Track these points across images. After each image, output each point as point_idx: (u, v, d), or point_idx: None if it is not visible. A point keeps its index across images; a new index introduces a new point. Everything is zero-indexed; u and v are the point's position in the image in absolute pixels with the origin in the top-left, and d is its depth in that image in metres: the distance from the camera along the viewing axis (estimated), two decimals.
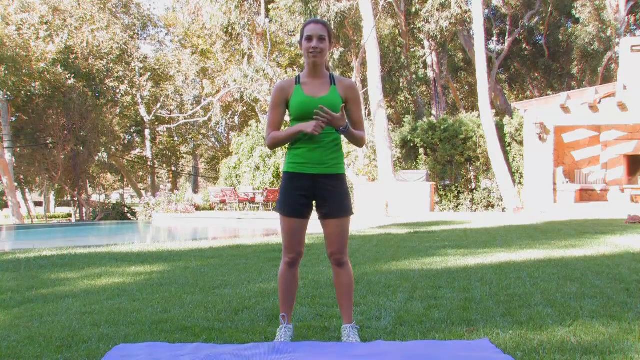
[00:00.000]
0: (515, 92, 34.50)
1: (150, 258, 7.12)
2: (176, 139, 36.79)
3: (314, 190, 3.20)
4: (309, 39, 3.12)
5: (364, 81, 23.26)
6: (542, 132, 17.78)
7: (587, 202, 18.40)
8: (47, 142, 25.30)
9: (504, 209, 18.82)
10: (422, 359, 2.85)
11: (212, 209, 22.50)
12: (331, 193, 3.21)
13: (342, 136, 3.23)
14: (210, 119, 29.99)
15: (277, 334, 3.26)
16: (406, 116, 23.11)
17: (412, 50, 30.57)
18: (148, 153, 34.31)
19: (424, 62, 30.40)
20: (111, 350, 3.07)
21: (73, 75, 23.84)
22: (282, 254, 3.30)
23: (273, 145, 3.25)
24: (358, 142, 3.28)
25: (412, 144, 20.92)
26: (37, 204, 41.78)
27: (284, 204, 3.22)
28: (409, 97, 31.28)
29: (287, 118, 3.36)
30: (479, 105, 19.45)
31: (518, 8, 27.47)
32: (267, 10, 24.08)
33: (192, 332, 3.46)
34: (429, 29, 24.35)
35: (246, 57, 25.04)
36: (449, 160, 20.25)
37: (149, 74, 29.80)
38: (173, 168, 39.46)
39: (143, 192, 36.09)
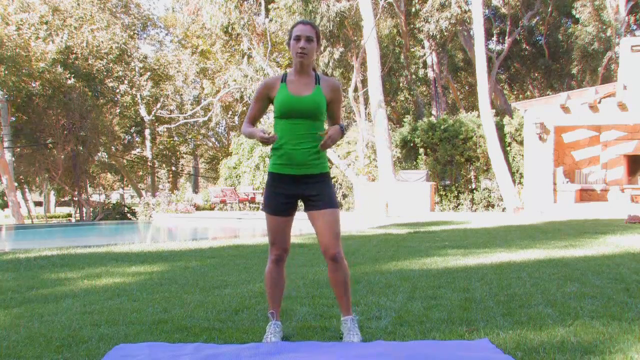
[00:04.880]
0: (515, 92, 34.49)
1: (150, 258, 7.12)
2: (176, 139, 36.78)
3: (298, 190, 3.24)
4: (297, 39, 3.18)
5: (364, 81, 23.25)
6: (542, 132, 17.78)
7: (587, 202, 18.40)
8: (47, 142, 25.30)
9: (504, 209, 18.82)
10: (422, 359, 2.85)
11: (212, 209, 22.49)
12: (317, 190, 3.24)
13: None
14: (210, 119, 30.00)
15: (267, 330, 3.29)
16: (406, 116, 23.11)
17: (412, 50, 30.57)
18: (148, 153, 34.30)
19: (424, 62, 30.39)
20: (111, 350, 3.07)
21: (73, 75, 23.84)
22: (269, 252, 3.33)
23: (245, 136, 3.36)
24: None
25: (412, 144, 20.92)
26: (37, 204, 41.79)
27: (268, 203, 3.28)
28: (409, 97, 31.28)
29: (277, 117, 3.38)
30: (479, 105, 19.45)
31: (518, 8, 27.46)
32: (267, 10, 24.07)
33: (192, 332, 3.46)
34: (429, 29, 24.35)
35: (246, 57, 25.03)
36: (449, 160, 20.25)
37: (148, 73, 29.79)
38: (173, 168, 39.46)
39: (143, 192, 36.09)
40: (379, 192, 18.48)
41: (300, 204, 3.36)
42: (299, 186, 3.23)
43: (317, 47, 3.23)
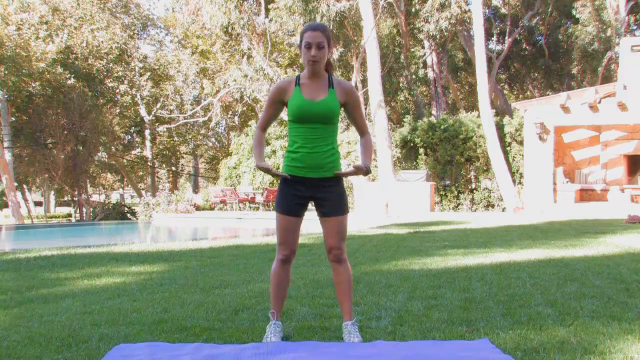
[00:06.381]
0: (515, 92, 34.50)
1: (150, 258, 7.12)
2: (176, 139, 36.80)
3: (311, 192, 3.29)
4: (308, 46, 3.16)
5: (364, 81, 23.26)
6: (542, 132, 17.78)
7: (587, 202, 18.40)
8: (47, 142, 25.30)
9: (504, 209, 18.82)
10: (422, 359, 2.85)
11: (212, 209, 22.49)
12: (330, 193, 3.29)
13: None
14: (210, 119, 30.00)
15: (267, 330, 3.30)
16: (406, 116, 23.12)
17: (412, 50, 30.58)
18: (148, 153, 34.30)
19: (424, 62, 30.40)
20: (111, 350, 3.07)
21: (73, 75, 23.84)
22: (276, 251, 3.36)
23: (253, 144, 3.43)
24: (371, 154, 3.44)
25: (412, 144, 20.92)
26: (37, 203, 41.81)
27: (281, 203, 3.32)
28: (409, 97, 31.29)
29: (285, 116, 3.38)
30: (479, 105, 19.45)
31: (518, 8, 27.47)
32: (267, 10, 24.08)
33: (192, 332, 3.46)
34: (429, 29, 24.36)
35: (246, 57, 25.04)
36: (449, 160, 20.25)
37: (148, 74, 29.79)
38: (173, 168, 39.47)
39: (143, 192, 36.08)
40: (379, 192, 18.49)
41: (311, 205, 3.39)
42: (311, 188, 3.28)
43: (329, 49, 3.22)
